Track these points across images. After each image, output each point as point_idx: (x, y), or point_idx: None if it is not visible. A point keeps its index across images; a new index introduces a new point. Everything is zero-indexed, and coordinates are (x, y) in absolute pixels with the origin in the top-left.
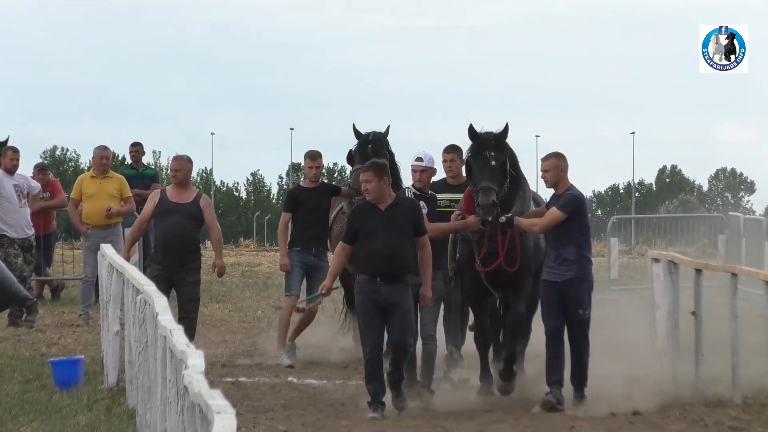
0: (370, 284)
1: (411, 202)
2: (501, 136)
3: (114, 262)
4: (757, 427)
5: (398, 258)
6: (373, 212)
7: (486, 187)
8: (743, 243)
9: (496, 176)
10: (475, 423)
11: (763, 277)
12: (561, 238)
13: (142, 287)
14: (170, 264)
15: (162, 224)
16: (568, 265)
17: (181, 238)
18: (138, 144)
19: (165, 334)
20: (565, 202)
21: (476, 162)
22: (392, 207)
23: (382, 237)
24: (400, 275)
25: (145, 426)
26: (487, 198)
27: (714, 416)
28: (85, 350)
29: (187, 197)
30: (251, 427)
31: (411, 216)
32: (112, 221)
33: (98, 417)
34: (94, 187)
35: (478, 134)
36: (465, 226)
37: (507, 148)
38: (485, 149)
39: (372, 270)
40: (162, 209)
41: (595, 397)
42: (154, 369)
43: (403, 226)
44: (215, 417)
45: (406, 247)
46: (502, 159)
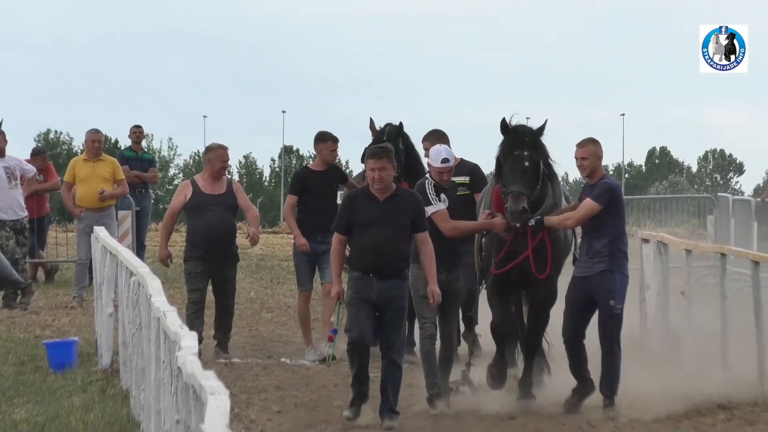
0: (363, 280)
1: (411, 196)
2: (536, 133)
3: (107, 244)
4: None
5: (392, 253)
6: (371, 203)
7: (517, 192)
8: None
9: (528, 179)
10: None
11: (752, 257)
12: (594, 230)
13: (136, 269)
14: (213, 258)
15: (202, 218)
16: (600, 257)
17: (224, 231)
18: (139, 126)
19: (158, 315)
20: (601, 192)
21: (507, 161)
22: (391, 199)
23: (376, 230)
24: (395, 271)
25: (139, 407)
26: (518, 204)
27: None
28: (79, 332)
29: (220, 187)
30: (244, 407)
31: (410, 210)
32: (105, 204)
33: (92, 398)
34: (87, 171)
35: (511, 129)
36: (490, 226)
37: (542, 146)
38: (518, 147)
39: (364, 265)
40: (197, 203)
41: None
42: (147, 350)
43: (400, 220)
44: (209, 398)
45: (401, 241)
46: (536, 159)
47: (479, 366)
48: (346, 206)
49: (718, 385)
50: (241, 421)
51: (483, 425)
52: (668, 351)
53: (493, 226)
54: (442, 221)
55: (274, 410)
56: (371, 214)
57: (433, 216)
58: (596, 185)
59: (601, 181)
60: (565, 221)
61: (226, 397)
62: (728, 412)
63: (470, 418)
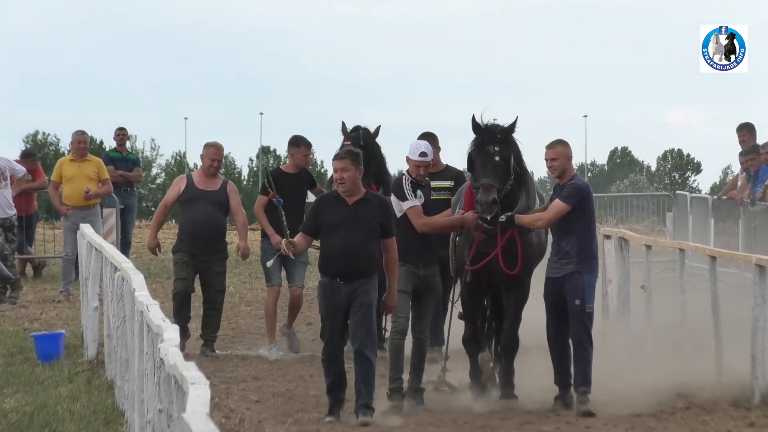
0: (331, 285)
1: (380, 200)
2: (507, 130)
3: (93, 240)
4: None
5: (359, 256)
6: (340, 206)
7: (487, 184)
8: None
9: (499, 173)
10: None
11: (709, 253)
12: (563, 230)
13: (120, 265)
14: (198, 252)
15: (190, 212)
16: (569, 258)
17: (209, 226)
18: (123, 128)
19: (142, 309)
20: (570, 192)
21: (478, 157)
22: (360, 202)
23: (345, 233)
24: (363, 273)
25: (124, 397)
26: (487, 196)
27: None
28: (66, 325)
29: (214, 185)
30: (224, 397)
31: (379, 214)
32: (91, 202)
33: (79, 388)
34: (73, 170)
35: (482, 127)
36: (461, 222)
37: (513, 143)
38: (489, 143)
39: (332, 270)
40: (189, 196)
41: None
42: (131, 342)
43: (369, 224)
44: (190, 388)
45: (370, 245)
46: (507, 154)
47: (455, 368)
48: (315, 209)
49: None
50: (220, 410)
51: (467, 419)
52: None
53: (464, 221)
54: (415, 217)
55: (253, 399)
56: (340, 216)
57: (408, 212)
58: (565, 186)
59: (570, 181)
60: (535, 222)
61: (206, 387)
62: (686, 400)
63: (453, 415)
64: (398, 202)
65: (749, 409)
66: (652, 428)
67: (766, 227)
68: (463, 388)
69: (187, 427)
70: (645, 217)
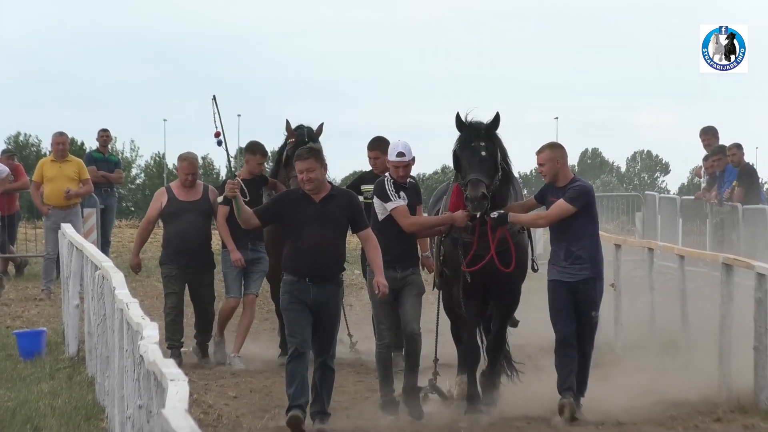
0: (299, 284)
1: (348, 195)
2: (491, 126)
3: (74, 240)
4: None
5: (328, 254)
6: (306, 203)
7: (475, 179)
8: (659, 220)
9: (486, 168)
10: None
11: (678, 252)
12: (572, 234)
13: (101, 263)
14: (187, 265)
15: (176, 225)
16: (581, 263)
17: (196, 238)
18: (106, 130)
19: (122, 307)
20: (575, 194)
21: (464, 153)
22: (327, 199)
23: (313, 231)
24: (331, 275)
25: (104, 393)
26: (477, 191)
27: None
28: (48, 322)
29: (195, 194)
30: (203, 393)
31: (347, 209)
32: (71, 202)
33: (60, 384)
34: (54, 171)
35: (466, 124)
36: (451, 220)
37: (497, 139)
38: (474, 139)
39: (300, 269)
40: (172, 210)
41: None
42: (111, 340)
43: (337, 221)
44: (169, 384)
45: (339, 243)
46: (493, 150)
47: (445, 375)
48: (278, 201)
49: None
50: (199, 406)
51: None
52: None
53: (454, 219)
54: (401, 217)
55: (231, 395)
56: (307, 214)
57: (393, 212)
58: (569, 187)
59: (575, 183)
60: (536, 221)
61: (185, 383)
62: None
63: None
64: (381, 204)
65: (717, 405)
66: (621, 423)
67: (732, 226)
68: (451, 394)
69: (167, 423)
70: (615, 217)
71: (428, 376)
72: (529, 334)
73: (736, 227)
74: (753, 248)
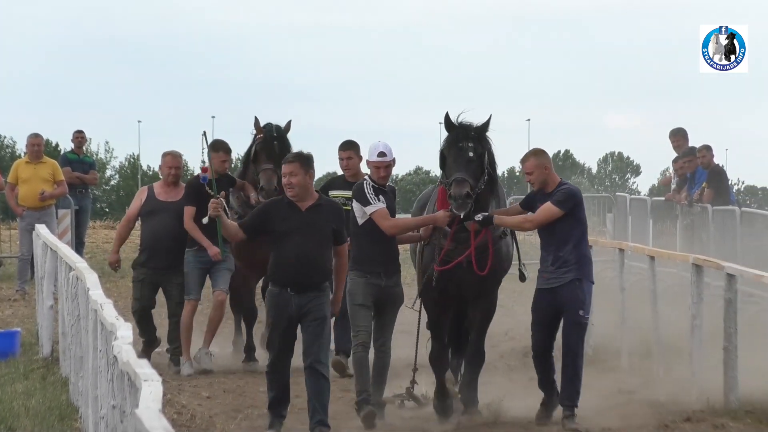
0: (280, 296)
1: (334, 206)
2: (482, 129)
3: (48, 241)
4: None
5: (314, 266)
6: (291, 212)
7: (459, 178)
8: (629, 221)
9: (472, 168)
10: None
11: (648, 252)
12: (560, 237)
13: (75, 264)
14: (157, 266)
15: (150, 224)
16: (568, 266)
17: (169, 238)
18: (81, 131)
19: (96, 307)
20: (563, 197)
21: (451, 152)
22: (314, 208)
23: (297, 241)
24: (316, 284)
25: (78, 393)
26: (461, 189)
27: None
28: (22, 323)
29: (176, 194)
30: (176, 393)
31: (333, 220)
32: (46, 203)
33: (34, 385)
34: (28, 172)
35: (455, 124)
36: (433, 220)
37: (487, 141)
38: (462, 140)
39: (283, 279)
40: (149, 209)
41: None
42: (85, 340)
43: (322, 231)
44: (143, 384)
45: (323, 253)
46: (481, 151)
47: (423, 381)
48: (264, 211)
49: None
50: (173, 406)
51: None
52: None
53: (435, 219)
54: (382, 219)
55: (204, 396)
56: (292, 223)
57: (373, 215)
58: (557, 191)
59: (562, 186)
60: (523, 223)
61: (159, 383)
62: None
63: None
64: (361, 208)
65: (687, 404)
66: (586, 418)
67: (702, 228)
68: (428, 402)
69: (140, 423)
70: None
71: (406, 384)
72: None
73: (705, 228)
74: (722, 249)
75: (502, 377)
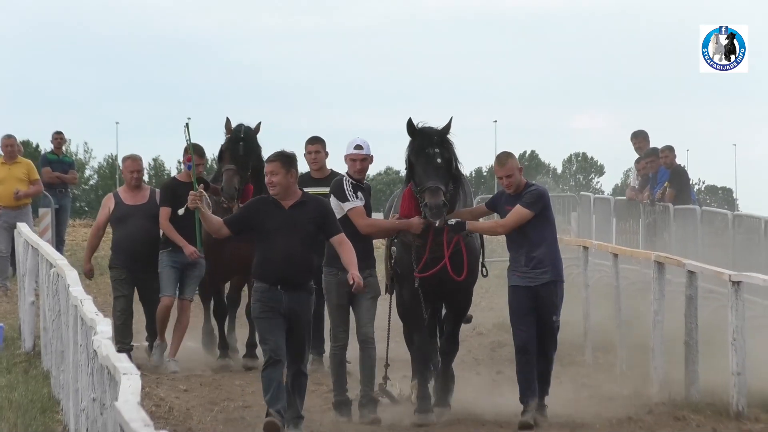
0: (270, 293)
1: (318, 201)
2: (444, 132)
3: (29, 239)
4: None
5: (300, 263)
6: (275, 210)
7: (434, 187)
8: (593, 219)
9: (442, 175)
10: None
11: (611, 250)
12: (530, 238)
13: (55, 261)
14: (136, 268)
15: (124, 229)
16: (542, 267)
17: (144, 242)
18: (60, 133)
19: (76, 303)
20: (532, 199)
21: (419, 160)
22: (297, 206)
23: (282, 239)
24: (302, 282)
25: (59, 386)
26: (437, 198)
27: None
28: (4, 319)
29: (142, 197)
30: (154, 386)
31: (318, 216)
32: (22, 202)
33: (17, 378)
34: (3, 173)
35: (419, 130)
36: (407, 227)
37: (450, 145)
38: (429, 146)
39: (271, 276)
40: (119, 214)
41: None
42: (66, 335)
43: (307, 228)
44: (122, 378)
45: (308, 251)
46: (448, 156)
47: (395, 378)
48: (249, 209)
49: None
50: (151, 399)
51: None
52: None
53: (410, 226)
54: (358, 217)
55: (182, 389)
56: (276, 221)
57: (350, 212)
58: (525, 192)
59: (530, 188)
60: (495, 228)
61: (137, 377)
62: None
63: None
64: (338, 204)
65: (649, 397)
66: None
67: (664, 226)
68: (402, 398)
69: (120, 415)
70: None
71: (378, 381)
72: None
73: (667, 226)
74: (684, 247)
75: (470, 371)
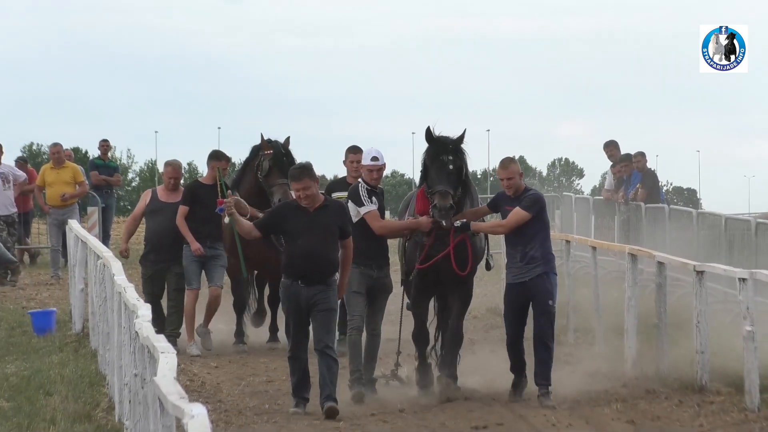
0: (292, 287)
1: (339, 206)
2: (458, 141)
3: (79, 234)
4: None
5: (320, 259)
6: (301, 213)
7: (443, 190)
8: (574, 217)
9: (453, 180)
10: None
11: (590, 244)
12: (526, 237)
13: (102, 254)
14: (158, 259)
15: (154, 222)
16: (535, 262)
17: (170, 235)
18: (106, 140)
19: (120, 290)
20: (531, 202)
21: (434, 165)
22: (321, 209)
23: (305, 238)
24: (322, 277)
25: (105, 363)
26: (445, 201)
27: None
28: (57, 304)
29: (175, 197)
30: (189, 364)
31: (338, 219)
32: (68, 202)
33: (68, 356)
34: (52, 176)
35: (436, 138)
36: (417, 226)
37: (463, 153)
38: (443, 153)
39: (294, 272)
40: (153, 208)
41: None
42: (111, 318)
43: (329, 228)
44: (160, 356)
45: (329, 249)
46: (459, 164)
47: (406, 364)
48: (276, 214)
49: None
50: (186, 375)
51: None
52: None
53: (419, 225)
54: (373, 220)
55: (212, 366)
56: (301, 223)
57: (366, 216)
58: (524, 196)
59: (529, 192)
60: (495, 228)
61: (174, 355)
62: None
63: (402, 406)
64: (355, 208)
65: (624, 372)
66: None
67: (637, 222)
68: (410, 382)
69: (158, 389)
70: None
71: (391, 367)
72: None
73: (639, 223)
74: (654, 240)
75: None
